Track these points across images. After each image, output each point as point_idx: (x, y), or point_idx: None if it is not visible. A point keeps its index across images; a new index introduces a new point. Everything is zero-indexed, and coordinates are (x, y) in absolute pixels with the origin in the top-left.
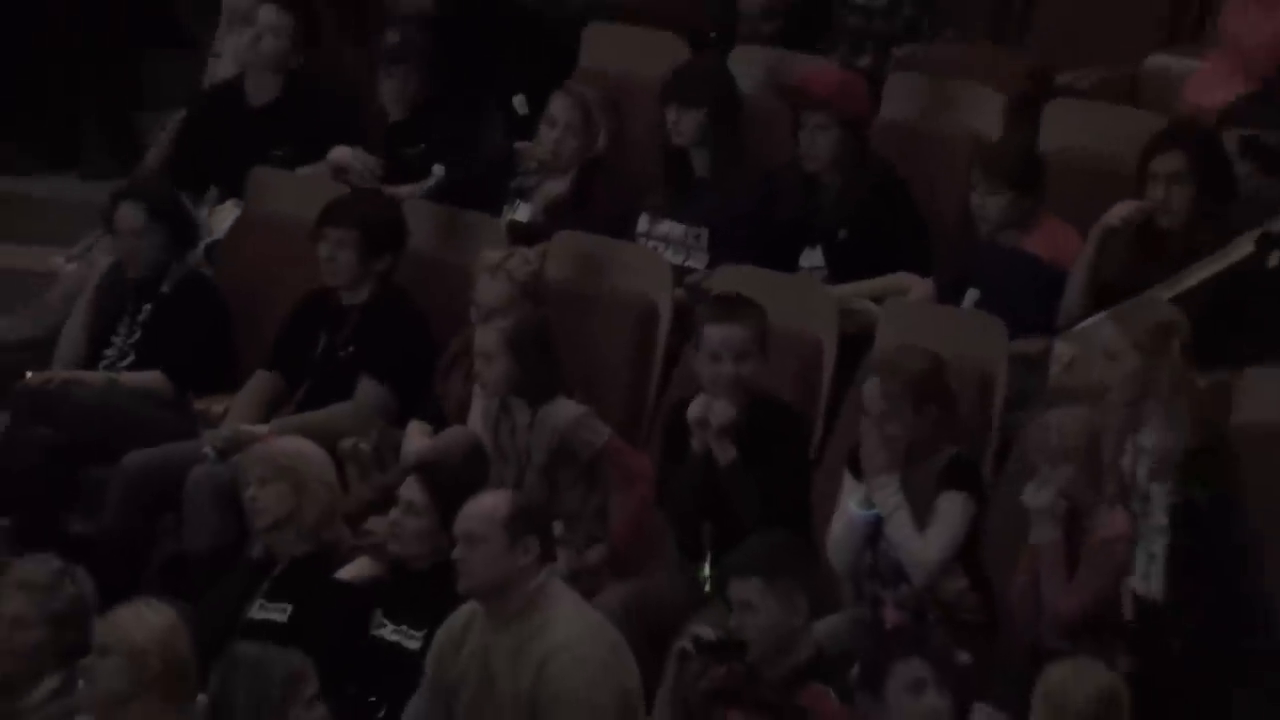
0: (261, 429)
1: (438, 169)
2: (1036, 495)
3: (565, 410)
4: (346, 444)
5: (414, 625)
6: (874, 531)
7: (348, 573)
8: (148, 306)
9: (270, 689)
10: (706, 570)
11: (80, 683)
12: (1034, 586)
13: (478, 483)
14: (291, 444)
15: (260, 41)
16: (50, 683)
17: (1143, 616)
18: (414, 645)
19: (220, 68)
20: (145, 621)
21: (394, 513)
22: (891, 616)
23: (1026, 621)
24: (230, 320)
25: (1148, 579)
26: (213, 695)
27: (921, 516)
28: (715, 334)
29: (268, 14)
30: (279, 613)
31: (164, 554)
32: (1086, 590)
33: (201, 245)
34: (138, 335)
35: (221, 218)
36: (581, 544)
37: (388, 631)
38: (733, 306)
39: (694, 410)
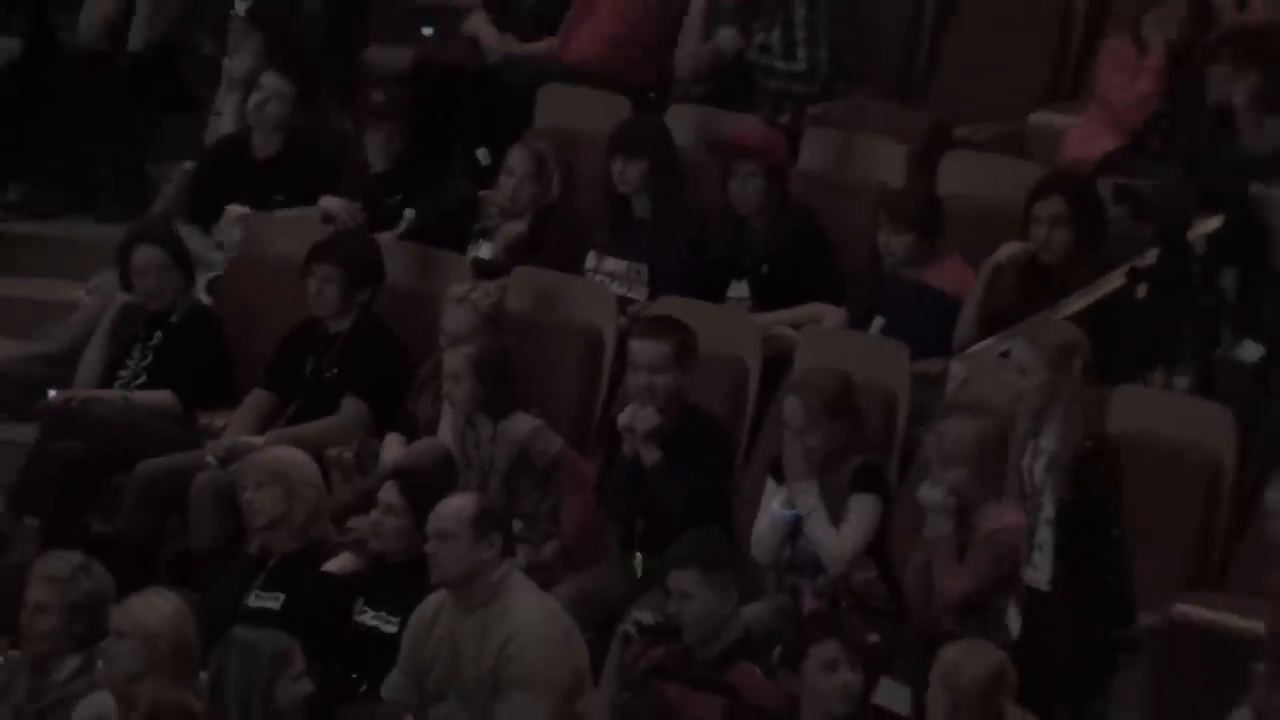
0: (257, 440)
1: (409, 213)
2: (930, 493)
3: (523, 424)
4: (332, 453)
5: (391, 612)
6: (794, 529)
7: (333, 565)
8: (158, 334)
9: (259, 668)
10: (638, 560)
11: (99, 663)
12: (926, 573)
13: (447, 487)
14: (284, 453)
15: (266, 105)
16: (72, 663)
17: (1030, 602)
18: (391, 629)
19: (221, 125)
20: (156, 609)
21: (374, 513)
22: (809, 603)
23: (919, 603)
24: (229, 346)
25: (1036, 568)
26: (212, 673)
27: (836, 516)
28: (636, 348)
29: (272, 80)
30: (273, 601)
31: (172, 550)
32: (973, 578)
33: (204, 280)
34: (149, 359)
35: (230, 219)
36: (538, 540)
37: (368, 617)
38: (654, 325)
39: (623, 418)
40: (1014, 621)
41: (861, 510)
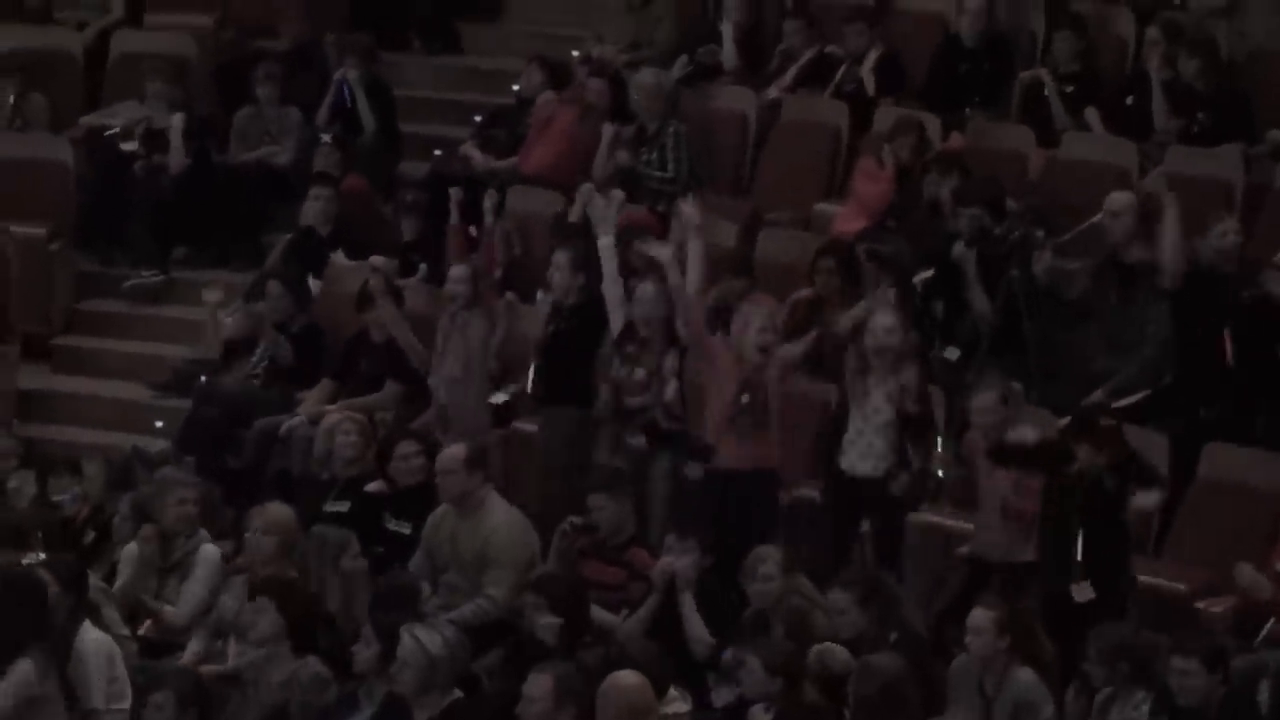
0: (332, 407)
1: (423, 267)
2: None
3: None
4: (380, 415)
5: (406, 519)
6: None
7: (371, 488)
8: (283, 339)
9: (330, 549)
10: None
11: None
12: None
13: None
14: (359, 415)
15: (318, 204)
16: (191, 542)
17: None
18: (406, 531)
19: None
20: (276, 511)
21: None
22: None
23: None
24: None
25: None
26: (301, 552)
27: None
28: None
29: (316, 190)
30: (343, 506)
31: (273, 472)
32: None
33: None
34: (269, 356)
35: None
36: None
37: (392, 524)
38: None
39: None
40: None
41: None
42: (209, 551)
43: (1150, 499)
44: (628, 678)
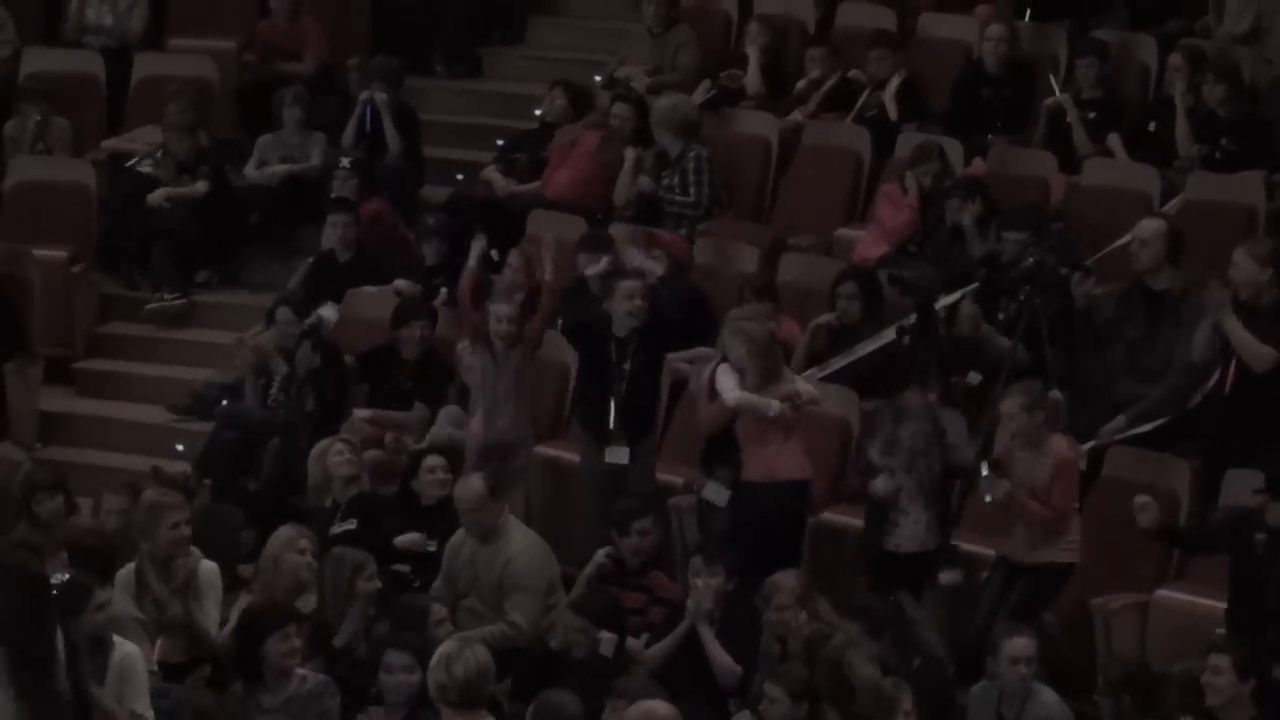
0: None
1: (444, 291)
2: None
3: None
4: (405, 440)
5: (430, 536)
6: None
7: (405, 542)
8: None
9: (344, 572)
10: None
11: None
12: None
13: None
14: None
15: (336, 230)
16: (190, 561)
17: None
18: (431, 549)
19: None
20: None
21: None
22: None
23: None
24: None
25: None
26: (320, 577)
27: None
28: None
29: (334, 217)
30: (350, 524)
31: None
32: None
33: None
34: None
35: (330, 312)
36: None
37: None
38: None
39: None
40: None
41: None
42: (210, 568)
43: None
44: (659, 708)
